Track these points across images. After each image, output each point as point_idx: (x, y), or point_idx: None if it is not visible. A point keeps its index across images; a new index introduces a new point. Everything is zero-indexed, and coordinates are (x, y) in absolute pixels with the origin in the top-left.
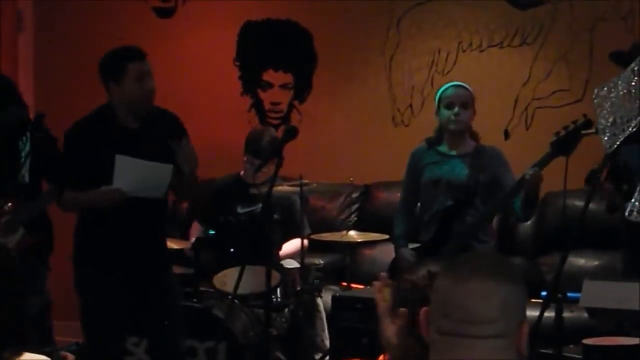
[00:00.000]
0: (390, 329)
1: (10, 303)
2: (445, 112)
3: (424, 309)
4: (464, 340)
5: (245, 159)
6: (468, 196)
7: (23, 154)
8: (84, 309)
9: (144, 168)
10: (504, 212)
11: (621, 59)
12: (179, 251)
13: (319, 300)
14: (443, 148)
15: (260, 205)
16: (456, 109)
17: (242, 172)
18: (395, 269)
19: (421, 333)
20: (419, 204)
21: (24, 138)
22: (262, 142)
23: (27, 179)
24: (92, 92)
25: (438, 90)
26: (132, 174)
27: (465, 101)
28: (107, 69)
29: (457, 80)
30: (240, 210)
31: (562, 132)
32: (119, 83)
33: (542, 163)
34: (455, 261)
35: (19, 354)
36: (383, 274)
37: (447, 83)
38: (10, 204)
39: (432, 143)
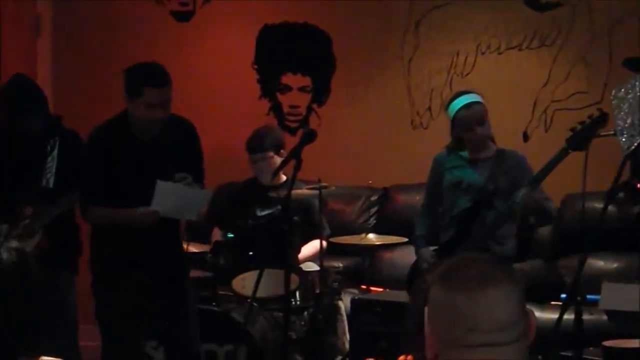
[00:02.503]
0: None
1: (25, 306)
2: (466, 134)
3: (428, 327)
4: (494, 350)
5: (250, 159)
6: (487, 199)
7: (50, 159)
8: (99, 313)
9: (183, 193)
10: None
11: (636, 65)
12: (199, 255)
13: (340, 303)
14: (465, 153)
15: (279, 207)
16: (477, 130)
17: (256, 175)
18: (416, 270)
19: (427, 351)
20: (440, 208)
21: (53, 142)
22: (263, 139)
23: (51, 183)
24: (110, 96)
25: (448, 105)
26: (171, 199)
27: (481, 117)
28: (126, 82)
29: (470, 88)
30: (259, 213)
31: (578, 127)
32: (131, 101)
33: (543, 173)
34: (453, 273)
35: (35, 357)
36: (410, 357)
37: (454, 100)
38: (30, 208)
39: (453, 149)
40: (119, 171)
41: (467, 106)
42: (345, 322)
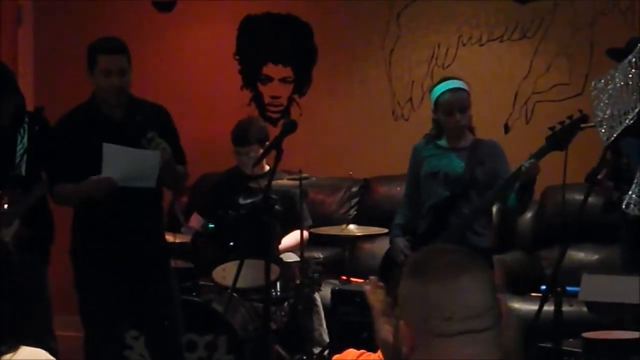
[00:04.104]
0: (385, 329)
1: (7, 296)
2: (445, 118)
3: (402, 322)
4: (471, 337)
5: (234, 150)
6: (464, 189)
7: (20, 146)
8: (82, 304)
9: (131, 155)
10: (501, 202)
11: (619, 55)
12: (179, 245)
13: (316, 294)
14: (442, 142)
15: (261, 197)
16: (456, 116)
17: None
18: (389, 258)
19: (403, 345)
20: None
21: (22, 130)
22: (248, 131)
23: (24, 171)
24: (91, 85)
25: (433, 88)
26: (120, 162)
27: (463, 105)
28: (87, 57)
29: (456, 76)
30: (241, 202)
31: (558, 127)
32: (92, 74)
33: (538, 155)
34: (424, 264)
35: (16, 347)
36: (373, 277)
37: (441, 82)
38: (5, 196)
39: (431, 138)
40: (89, 150)
41: (453, 90)
42: (322, 314)
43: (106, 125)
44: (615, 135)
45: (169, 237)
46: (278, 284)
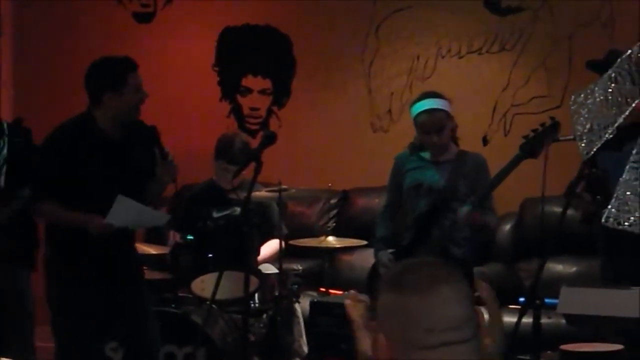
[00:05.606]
0: (365, 343)
1: None
2: (423, 137)
3: (381, 335)
4: (452, 348)
5: (216, 164)
6: (446, 202)
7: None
8: (55, 318)
9: (142, 212)
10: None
11: (598, 67)
12: (158, 257)
13: (296, 305)
14: (426, 154)
15: (237, 208)
16: (433, 137)
17: (214, 177)
18: (375, 273)
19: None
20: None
21: (1, 142)
22: (234, 148)
23: (2, 183)
24: (71, 97)
25: (412, 105)
26: (128, 214)
27: (440, 125)
28: (105, 79)
29: (437, 90)
30: (215, 215)
31: (531, 135)
32: (118, 93)
33: (492, 186)
34: (402, 277)
35: None
36: (353, 291)
37: (420, 101)
38: None
39: (414, 149)
40: (84, 169)
41: (428, 112)
42: (302, 325)
43: (106, 147)
44: (594, 149)
45: (148, 249)
46: (257, 295)
